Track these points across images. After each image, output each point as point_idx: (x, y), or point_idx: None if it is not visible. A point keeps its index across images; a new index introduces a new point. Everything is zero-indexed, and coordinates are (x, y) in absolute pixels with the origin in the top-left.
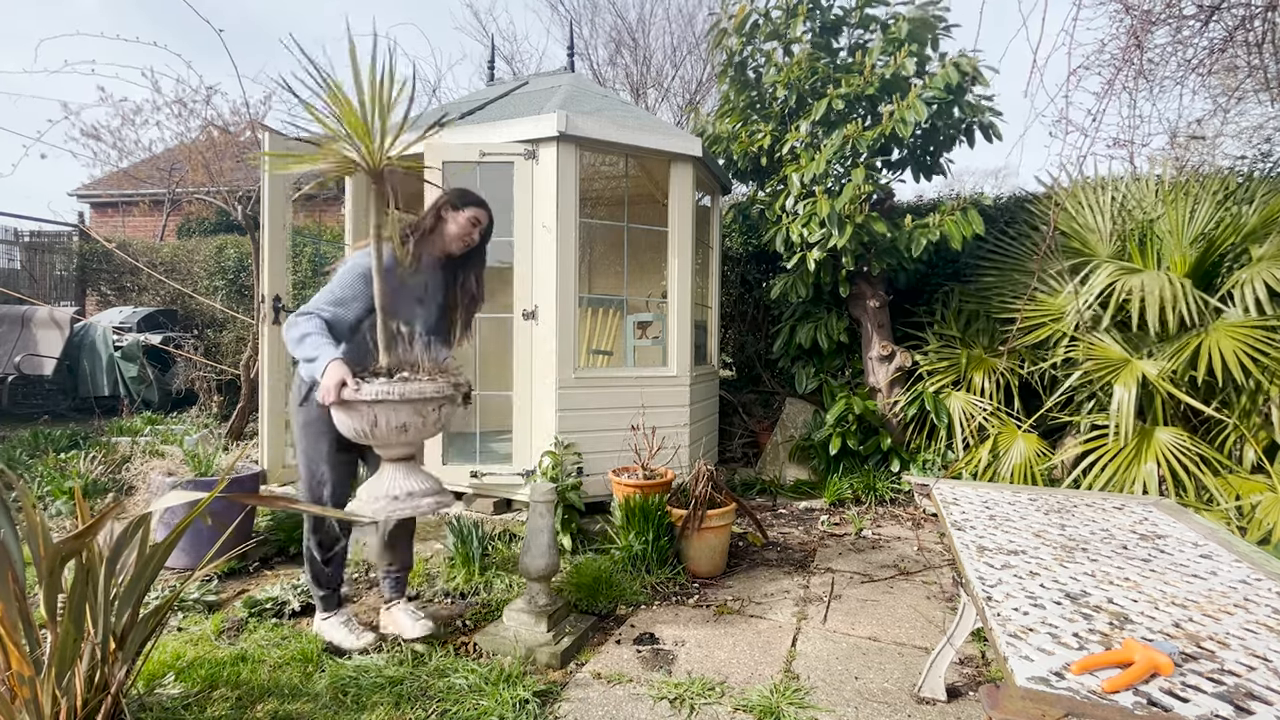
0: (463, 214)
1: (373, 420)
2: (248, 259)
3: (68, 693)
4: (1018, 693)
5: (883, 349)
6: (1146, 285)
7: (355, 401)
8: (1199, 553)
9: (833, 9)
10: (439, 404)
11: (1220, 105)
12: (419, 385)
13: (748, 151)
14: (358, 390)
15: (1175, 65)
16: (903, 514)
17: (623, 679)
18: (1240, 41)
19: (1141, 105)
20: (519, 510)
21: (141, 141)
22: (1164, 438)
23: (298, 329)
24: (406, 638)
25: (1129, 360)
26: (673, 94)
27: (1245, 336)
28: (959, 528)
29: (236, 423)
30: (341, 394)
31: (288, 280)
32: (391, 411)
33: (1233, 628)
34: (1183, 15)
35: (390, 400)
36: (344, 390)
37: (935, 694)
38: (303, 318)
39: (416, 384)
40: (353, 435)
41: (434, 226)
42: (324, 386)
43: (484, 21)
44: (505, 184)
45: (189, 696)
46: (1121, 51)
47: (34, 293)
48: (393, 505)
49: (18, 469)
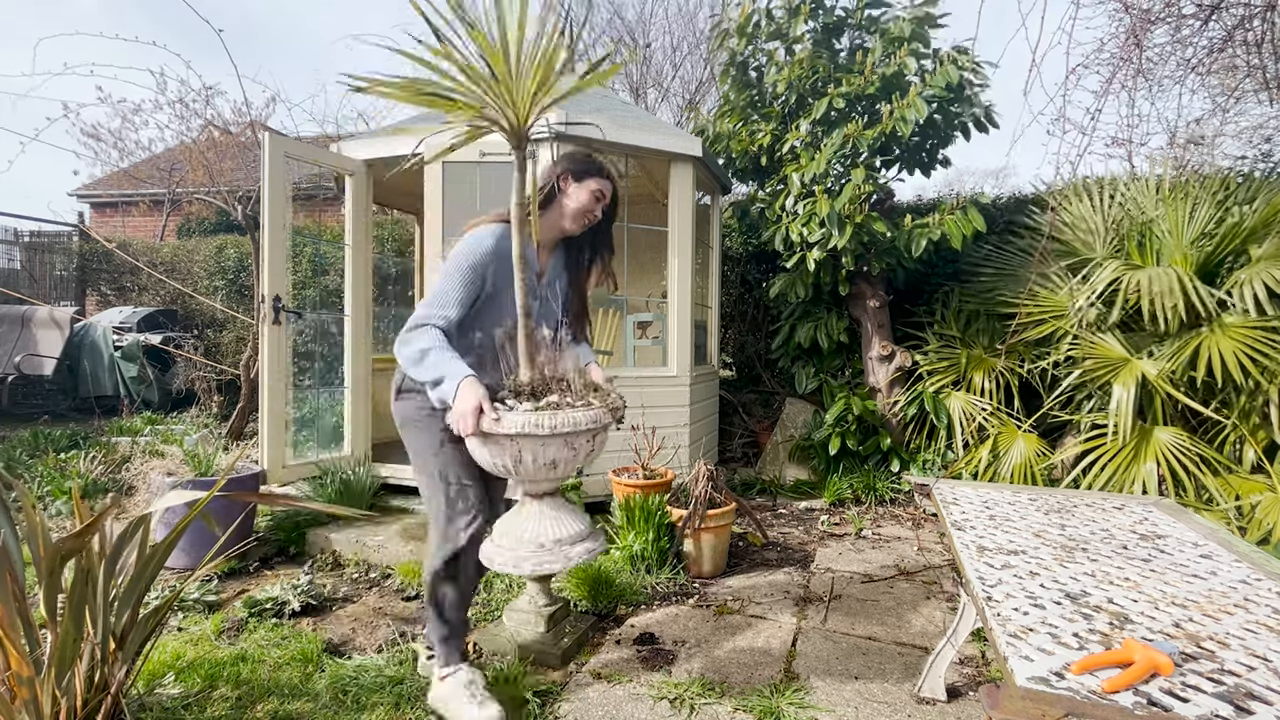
0: (586, 185)
1: (516, 455)
2: (248, 259)
3: (67, 693)
4: (1018, 693)
5: (882, 349)
6: (1153, 280)
7: (496, 434)
8: (1199, 553)
9: (835, 9)
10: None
11: (1219, 105)
12: (571, 416)
13: (748, 151)
14: (498, 421)
15: (1174, 64)
16: (903, 514)
17: (622, 679)
18: (1239, 41)
19: (1140, 104)
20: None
21: (141, 141)
22: (1164, 437)
23: (413, 345)
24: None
25: (1129, 360)
26: (673, 94)
27: (1245, 337)
28: (959, 528)
29: (236, 423)
30: (480, 424)
31: (288, 280)
32: (539, 446)
33: (1233, 628)
34: (1182, 14)
35: (538, 435)
36: (482, 419)
37: (935, 694)
38: (416, 332)
39: (569, 414)
40: (490, 469)
41: (548, 200)
42: (458, 413)
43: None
44: (505, 184)
45: (189, 696)
46: (1120, 50)
47: (34, 293)
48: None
49: (18, 469)
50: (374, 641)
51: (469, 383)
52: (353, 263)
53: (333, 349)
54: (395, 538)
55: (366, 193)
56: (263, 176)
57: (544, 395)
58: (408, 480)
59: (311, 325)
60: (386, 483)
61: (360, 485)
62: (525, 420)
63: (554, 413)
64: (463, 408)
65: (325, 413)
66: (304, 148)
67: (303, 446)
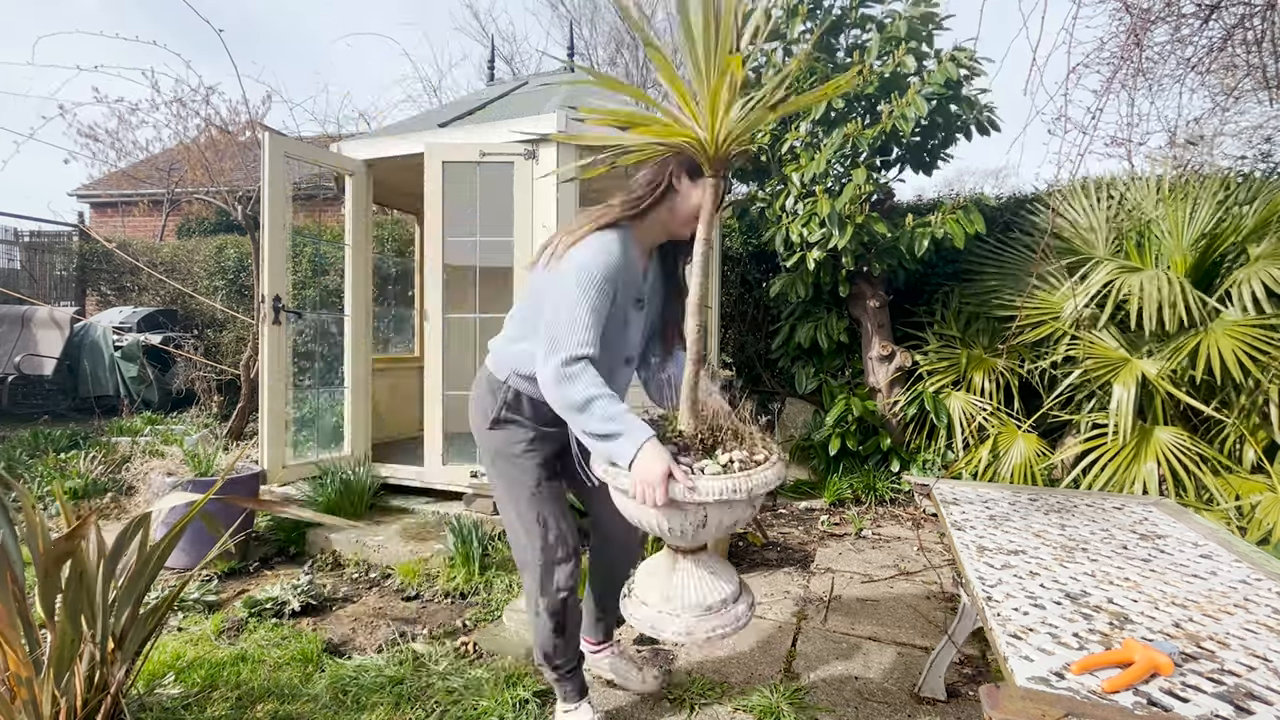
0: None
1: (699, 521)
2: (248, 259)
3: (67, 693)
4: (1018, 693)
5: (883, 349)
6: (1145, 284)
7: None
8: (1199, 553)
9: (833, 9)
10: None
11: (1219, 104)
12: (764, 475)
13: (747, 150)
14: (694, 490)
15: (1174, 63)
16: (903, 514)
17: None
18: (1239, 40)
19: (1140, 104)
20: None
21: (139, 141)
22: (1164, 437)
23: (576, 387)
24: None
25: (1128, 359)
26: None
27: (1244, 335)
28: (959, 528)
29: (236, 423)
30: (671, 493)
31: (288, 280)
32: (727, 510)
33: (1233, 628)
34: (1182, 14)
35: (737, 500)
36: (673, 488)
37: (935, 694)
38: (574, 368)
39: (763, 474)
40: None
41: (660, 198)
42: (643, 481)
43: (484, 22)
44: (505, 184)
45: (189, 696)
46: (1121, 49)
47: (34, 293)
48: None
49: (18, 469)
50: (374, 641)
51: (654, 446)
52: (353, 263)
53: (333, 349)
54: (395, 538)
55: (366, 193)
56: (263, 176)
57: (714, 447)
58: (408, 480)
59: (311, 325)
60: (386, 483)
61: (360, 485)
62: (723, 486)
63: (748, 475)
64: (650, 476)
65: (325, 413)
66: (304, 148)
67: (303, 446)
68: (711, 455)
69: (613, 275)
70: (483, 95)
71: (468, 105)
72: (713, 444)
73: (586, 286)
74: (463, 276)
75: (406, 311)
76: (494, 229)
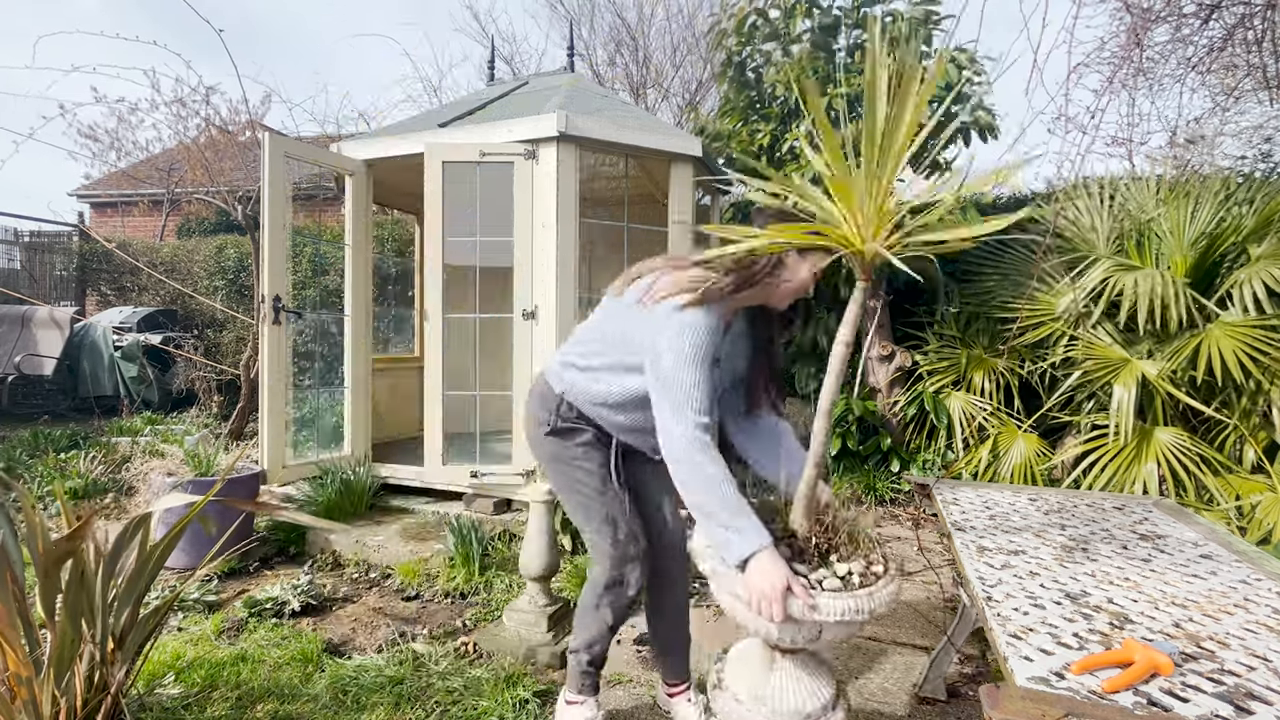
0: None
1: (813, 635)
2: (248, 259)
3: (67, 693)
4: (1018, 693)
5: (883, 349)
6: (1140, 283)
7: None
8: (1199, 553)
9: (832, 9)
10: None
11: (1219, 104)
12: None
13: (748, 151)
14: (815, 609)
15: (1174, 63)
16: (903, 514)
17: (623, 679)
18: (1240, 40)
19: (1141, 104)
20: (519, 510)
21: (139, 141)
22: (1164, 438)
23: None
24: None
25: (1129, 360)
26: (673, 94)
27: (1245, 336)
28: (959, 528)
29: (237, 423)
30: (789, 608)
31: (288, 280)
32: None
33: (1233, 628)
34: (1182, 13)
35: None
36: (792, 604)
37: (936, 693)
38: (706, 435)
39: (885, 590)
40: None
41: (772, 269)
42: (761, 595)
43: (484, 23)
44: (505, 184)
45: (189, 696)
46: (1121, 49)
47: (34, 293)
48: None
49: (18, 469)
50: (374, 641)
51: (773, 556)
52: (353, 263)
53: (333, 349)
54: (395, 538)
55: (366, 193)
56: (263, 176)
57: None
58: (408, 480)
59: (311, 325)
60: (386, 483)
61: (360, 485)
62: (845, 606)
63: (870, 594)
64: (769, 590)
65: (325, 413)
66: (304, 148)
67: (303, 446)
68: (825, 561)
69: (716, 340)
70: (483, 95)
71: (468, 105)
72: (826, 548)
73: (698, 347)
74: (463, 276)
75: (406, 311)
76: (494, 229)
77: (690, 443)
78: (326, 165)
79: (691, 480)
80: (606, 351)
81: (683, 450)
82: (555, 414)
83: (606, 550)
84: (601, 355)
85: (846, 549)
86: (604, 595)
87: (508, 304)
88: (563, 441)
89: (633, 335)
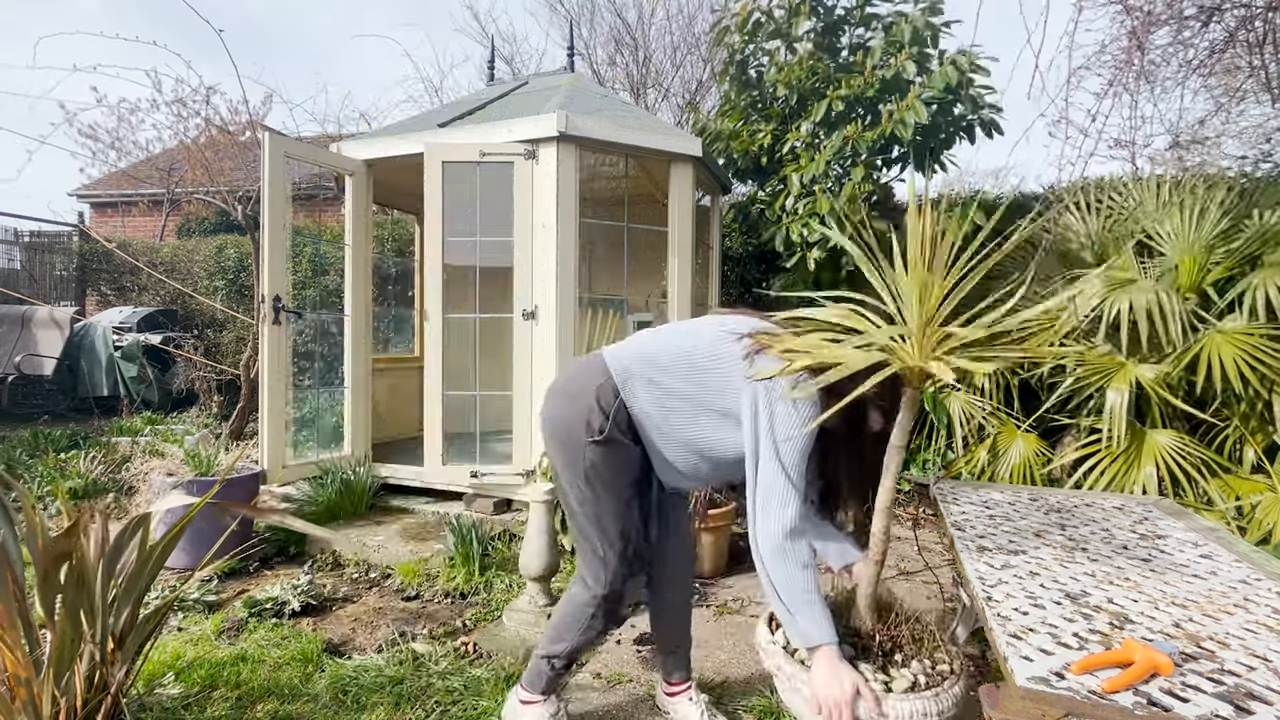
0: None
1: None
2: (248, 259)
3: (67, 693)
4: (1018, 693)
5: None
6: (1135, 304)
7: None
8: (1199, 553)
9: (836, 8)
10: None
11: (1221, 106)
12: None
13: (748, 151)
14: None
15: (1176, 66)
16: (902, 514)
17: (623, 679)
18: (1241, 42)
19: (1143, 106)
20: (519, 510)
21: (139, 141)
22: (1163, 440)
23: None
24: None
25: (1123, 364)
26: (673, 94)
27: (1246, 344)
28: (959, 528)
29: (237, 423)
30: (857, 712)
31: (288, 280)
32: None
33: (1233, 628)
34: (1183, 16)
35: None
36: (860, 707)
37: None
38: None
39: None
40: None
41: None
42: (830, 700)
43: (484, 23)
44: (505, 184)
45: (189, 696)
46: (1123, 52)
47: (34, 293)
48: None
49: (18, 469)
50: (374, 641)
51: (838, 657)
52: (353, 263)
53: (333, 349)
54: (395, 538)
55: (366, 193)
56: (263, 176)
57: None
58: (408, 480)
59: (311, 325)
60: (386, 483)
61: (360, 485)
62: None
63: (936, 696)
64: (838, 695)
65: (325, 413)
66: (304, 148)
67: (303, 446)
68: (890, 660)
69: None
70: (483, 95)
71: (468, 105)
72: (890, 646)
73: (799, 441)
74: (463, 276)
75: (406, 311)
76: (494, 229)
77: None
78: (326, 165)
79: (781, 582)
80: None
81: (773, 551)
82: (610, 420)
83: (614, 565)
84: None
85: (911, 647)
86: (601, 607)
87: (508, 304)
88: (610, 452)
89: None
